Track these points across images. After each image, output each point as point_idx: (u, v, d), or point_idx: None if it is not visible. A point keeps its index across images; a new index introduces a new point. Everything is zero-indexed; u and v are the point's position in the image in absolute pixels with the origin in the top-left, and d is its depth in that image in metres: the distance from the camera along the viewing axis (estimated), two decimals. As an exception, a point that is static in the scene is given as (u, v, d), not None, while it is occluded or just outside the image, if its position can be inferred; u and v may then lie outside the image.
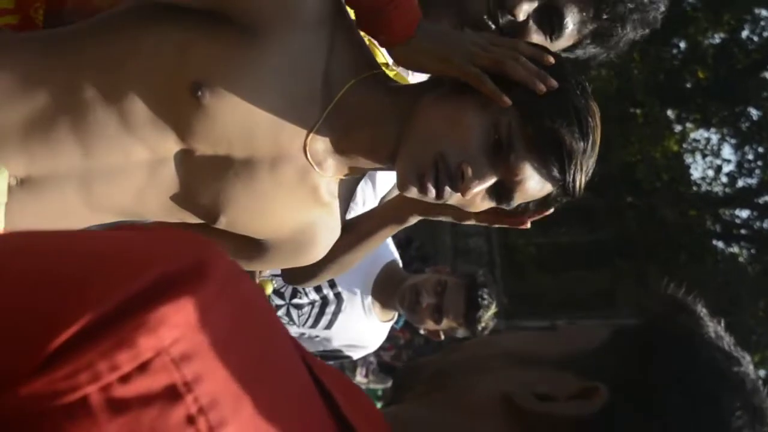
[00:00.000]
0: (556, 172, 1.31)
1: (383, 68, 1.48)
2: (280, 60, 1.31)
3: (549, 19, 1.60)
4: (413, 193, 1.35)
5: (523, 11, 1.58)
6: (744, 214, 15.18)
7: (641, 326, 0.84)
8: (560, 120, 1.30)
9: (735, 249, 15.15)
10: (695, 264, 13.98)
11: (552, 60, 1.36)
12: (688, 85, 14.50)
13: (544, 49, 1.39)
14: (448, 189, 1.33)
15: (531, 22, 1.60)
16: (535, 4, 1.59)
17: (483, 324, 2.93)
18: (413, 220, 1.61)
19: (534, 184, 1.34)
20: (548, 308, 13.71)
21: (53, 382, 0.47)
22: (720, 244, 15.20)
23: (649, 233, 13.93)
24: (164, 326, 0.50)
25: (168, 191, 1.39)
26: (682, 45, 14.44)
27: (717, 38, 14.41)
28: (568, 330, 1.00)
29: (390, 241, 2.81)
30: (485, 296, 2.90)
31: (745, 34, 14.28)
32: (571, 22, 1.62)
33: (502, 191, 1.36)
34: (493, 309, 2.94)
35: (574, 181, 1.32)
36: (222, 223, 1.43)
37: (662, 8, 1.68)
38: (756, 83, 14.12)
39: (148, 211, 1.42)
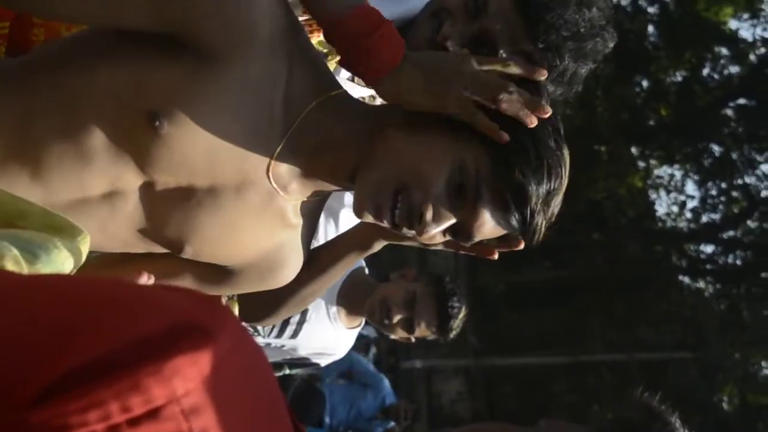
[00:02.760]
0: (515, 223, 1.32)
1: (330, 55, 1.46)
2: (238, 85, 1.29)
3: (481, 51, 1.58)
4: (368, 218, 1.36)
5: (454, 43, 1.62)
6: (709, 249, 15.31)
7: None
8: (529, 173, 1.30)
9: (701, 284, 15.24)
10: (662, 299, 14.05)
11: (544, 74, 1.35)
12: (651, 123, 14.66)
13: (532, 66, 1.38)
14: (405, 228, 1.34)
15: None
16: (466, 36, 1.64)
17: (454, 330, 2.95)
18: (377, 246, 1.59)
19: (492, 228, 1.35)
20: (517, 346, 13.69)
21: (64, 414, 0.48)
22: (686, 280, 15.29)
23: (616, 269, 13.99)
24: (178, 377, 0.50)
25: (131, 224, 1.37)
26: (645, 83, 14.62)
27: (678, 76, 14.61)
28: (548, 428, 1.02)
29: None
30: (455, 305, 2.91)
31: (705, 71, 14.48)
32: (505, 54, 1.62)
33: (460, 231, 1.36)
34: (462, 313, 2.95)
35: (534, 230, 1.34)
36: (188, 253, 1.41)
37: (609, 42, 1.69)
38: (717, 120, 14.30)
39: (111, 244, 1.40)
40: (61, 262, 0.92)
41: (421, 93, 1.33)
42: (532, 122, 1.30)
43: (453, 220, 1.34)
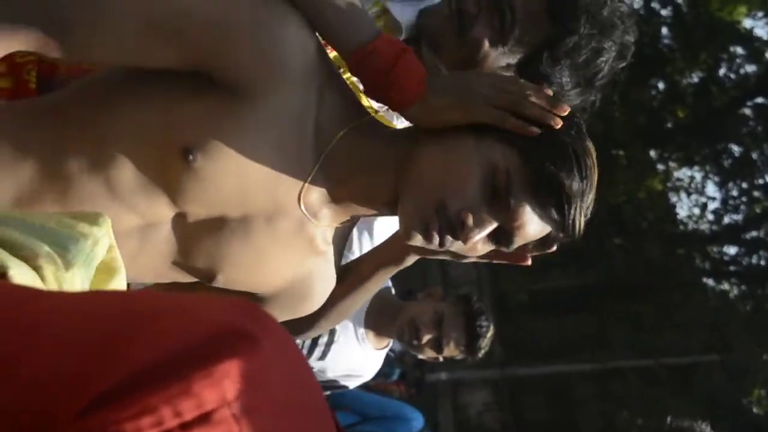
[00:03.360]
0: (555, 215, 1.32)
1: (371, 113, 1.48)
2: (270, 117, 1.30)
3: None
4: (418, 241, 1.36)
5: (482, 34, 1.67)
6: (732, 250, 15.21)
7: None
8: (559, 163, 1.31)
9: (725, 286, 15.14)
10: (686, 303, 13.96)
11: (551, 92, 1.37)
12: (669, 125, 14.60)
13: (538, 86, 1.40)
14: (449, 237, 1.33)
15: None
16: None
17: (483, 349, 2.97)
18: (411, 260, 1.60)
19: (534, 227, 1.35)
20: (542, 354, 13.64)
21: (118, 421, 0.49)
22: (710, 282, 15.19)
23: (639, 274, 13.92)
24: (228, 380, 0.51)
25: (162, 256, 1.38)
26: (661, 85, 14.57)
27: (695, 77, 14.55)
28: None
29: None
30: (483, 323, 2.93)
31: (722, 71, 14.41)
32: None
33: (501, 235, 1.36)
34: (491, 332, 2.98)
35: (573, 223, 1.33)
36: (220, 282, 1.42)
37: (629, 30, 1.72)
38: (735, 120, 14.23)
39: (142, 275, 1.41)
40: (90, 249, 0.93)
41: (446, 110, 1.36)
42: (557, 124, 1.33)
43: (494, 224, 1.34)
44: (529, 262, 1.48)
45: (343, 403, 3.98)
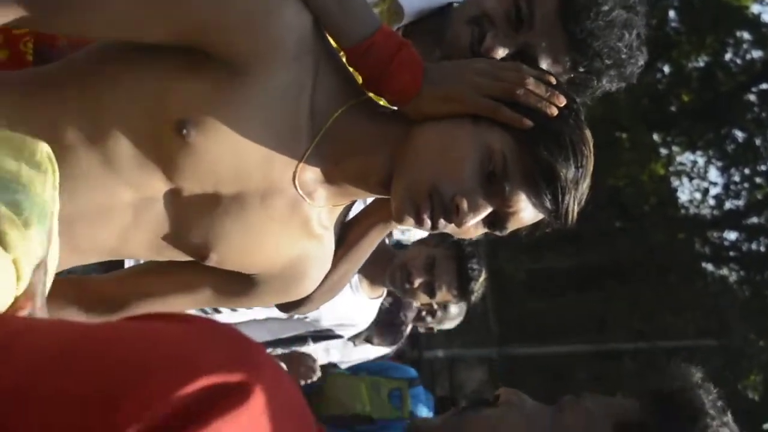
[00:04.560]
0: (549, 203, 1.32)
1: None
2: (265, 94, 1.30)
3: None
4: (409, 223, 1.35)
5: (498, 56, 1.59)
6: (732, 236, 15.22)
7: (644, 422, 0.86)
8: (555, 151, 1.31)
9: (724, 271, 15.16)
10: (685, 287, 13.98)
11: (554, 80, 1.37)
12: (673, 109, 14.57)
13: (545, 71, 1.39)
14: (442, 221, 1.33)
15: None
16: (509, 51, 1.60)
17: (476, 293, 2.98)
18: None
19: (528, 213, 1.35)
20: (540, 335, 13.68)
21: None
22: (709, 267, 15.20)
23: (639, 257, 13.93)
24: None
25: (155, 231, 1.38)
26: (666, 69, 14.52)
27: (701, 61, 14.50)
28: (572, 415, 1.02)
29: None
30: (475, 266, 2.93)
31: (728, 56, 14.37)
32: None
33: (495, 220, 1.36)
34: (483, 276, 2.98)
35: (567, 211, 1.33)
36: (213, 260, 1.41)
37: (641, 62, 1.68)
38: (740, 105, 14.19)
39: (133, 251, 1.41)
40: (42, 199, 0.83)
41: (441, 102, 1.35)
42: (552, 112, 1.32)
43: (489, 209, 1.34)
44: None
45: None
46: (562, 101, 1.33)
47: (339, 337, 3.11)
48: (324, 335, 3.04)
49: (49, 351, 0.55)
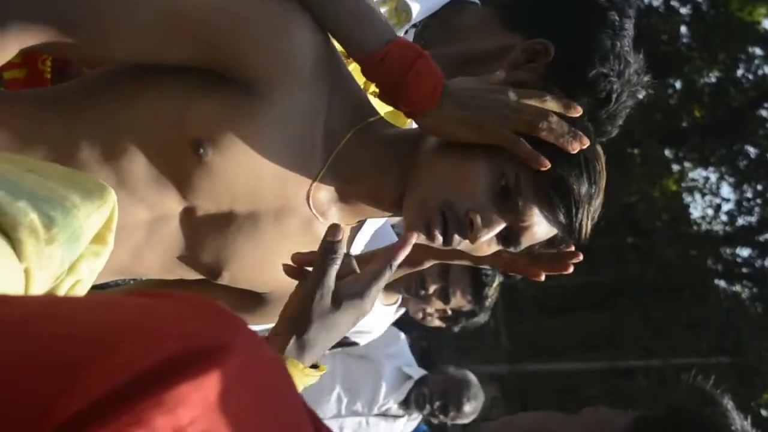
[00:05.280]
0: (562, 218, 1.31)
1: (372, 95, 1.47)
2: (282, 115, 1.30)
3: None
4: (421, 239, 1.35)
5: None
6: (745, 252, 15.14)
7: (665, 419, 0.84)
8: (568, 167, 1.30)
9: (737, 288, 15.08)
10: (697, 304, 13.91)
11: (579, 111, 1.35)
12: (685, 125, 14.54)
13: (569, 101, 1.37)
14: (457, 237, 1.33)
15: None
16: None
17: (489, 299, 3.01)
18: (427, 264, 1.58)
19: (541, 229, 1.34)
20: (551, 351, 13.62)
21: None
22: (722, 284, 15.13)
23: (651, 273, 13.87)
24: (183, 405, 0.48)
25: (168, 249, 1.37)
26: (678, 84, 14.50)
27: (712, 77, 14.48)
28: (591, 416, 1.00)
29: (391, 230, 2.84)
30: (489, 272, 2.97)
31: (740, 72, 14.34)
32: None
33: (509, 236, 1.36)
34: (497, 282, 3.01)
35: (580, 226, 1.33)
36: (225, 279, 1.41)
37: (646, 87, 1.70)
38: (752, 121, 14.15)
39: (146, 269, 1.40)
40: (79, 224, 0.85)
41: (460, 125, 1.33)
42: (574, 149, 1.31)
43: (503, 224, 1.34)
44: (543, 278, 1.46)
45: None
46: (585, 143, 1.31)
47: (354, 344, 3.12)
48: (340, 342, 3.05)
49: (11, 321, 0.54)
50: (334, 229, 1.20)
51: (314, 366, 1.25)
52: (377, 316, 2.99)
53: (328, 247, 1.19)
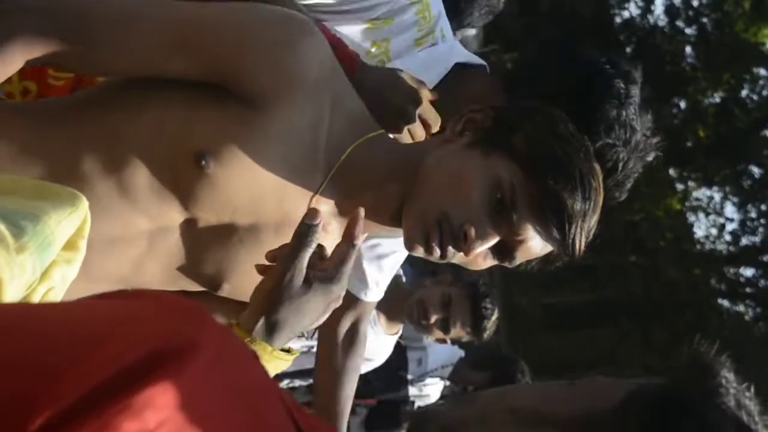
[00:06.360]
0: (555, 234, 1.32)
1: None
2: (283, 129, 1.32)
3: None
4: (419, 252, 1.36)
5: None
6: (748, 272, 15.13)
7: (659, 391, 0.83)
8: (563, 182, 1.31)
9: (740, 308, 15.06)
10: (700, 323, 13.88)
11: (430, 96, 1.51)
12: (689, 144, 14.55)
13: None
14: (451, 249, 1.34)
15: None
16: None
17: (488, 331, 3.12)
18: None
19: (536, 244, 1.35)
20: (553, 369, 13.59)
21: None
22: (725, 303, 15.11)
23: (654, 292, 13.86)
24: (149, 409, 0.48)
25: (169, 261, 1.38)
26: (683, 104, 14.52)
27: (717, 97, 14.50)
28: (585, 387, 0.99)
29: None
30: (488, 306, 3.09)
31: (744, 93, 14.37)
32: None
33: (504, 250, 1.36)
34: (495, 315, 3.13)
35: (573, 242, 1.33)
36: (225, 290, 1.42)
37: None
38: (756, 141, 14.17)
39: (147, 280, 1.40)
40: (50, 231, 0.85)
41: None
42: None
43: (497, 238, 1.34)
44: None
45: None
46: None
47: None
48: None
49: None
50: (312, 212, 1.22)
51: (286, 351, 1.26)
52: (380, 345, 3.02)
53: (305, 229, 1.20)
